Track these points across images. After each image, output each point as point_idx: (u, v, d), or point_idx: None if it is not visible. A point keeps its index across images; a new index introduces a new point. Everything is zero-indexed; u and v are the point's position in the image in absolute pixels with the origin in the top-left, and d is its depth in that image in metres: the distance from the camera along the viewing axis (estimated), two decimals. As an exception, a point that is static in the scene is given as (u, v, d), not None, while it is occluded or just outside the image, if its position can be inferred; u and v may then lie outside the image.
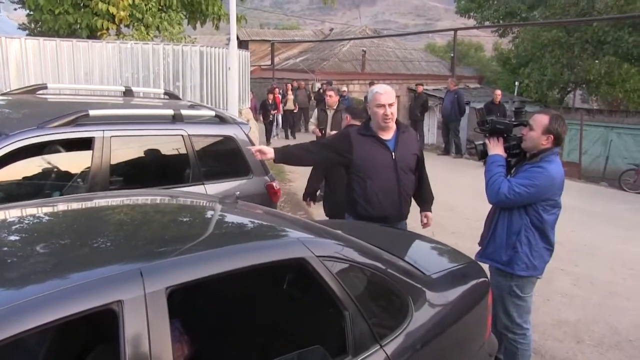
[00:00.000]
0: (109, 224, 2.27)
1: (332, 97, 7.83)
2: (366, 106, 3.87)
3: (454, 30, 19.71)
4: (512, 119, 3.44)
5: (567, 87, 22.54)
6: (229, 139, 4.28)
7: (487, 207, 3.46)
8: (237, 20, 9.57)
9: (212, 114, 4.38)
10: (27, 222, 2.21)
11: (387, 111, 3.50)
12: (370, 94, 3.66)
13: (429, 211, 3.95)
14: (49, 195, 3.42)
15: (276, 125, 17.00)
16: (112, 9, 9.66)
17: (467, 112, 14.94)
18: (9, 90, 5.71)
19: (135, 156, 3.96)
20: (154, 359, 1.55)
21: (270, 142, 14.39)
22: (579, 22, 18.62)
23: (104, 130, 3.59)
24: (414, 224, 3.96)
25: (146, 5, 10.22)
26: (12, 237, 1.99)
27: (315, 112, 8.41)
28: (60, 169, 3.67)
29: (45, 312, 1.42)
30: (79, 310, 1.47)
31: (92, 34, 10.10)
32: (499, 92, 13.12)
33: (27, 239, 1.97)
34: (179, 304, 2.02)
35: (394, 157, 3.58)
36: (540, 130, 3.09)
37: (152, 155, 4.02)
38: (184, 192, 3.47)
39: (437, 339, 2.36)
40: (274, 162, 3.61)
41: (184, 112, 4.06)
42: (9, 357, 1.44)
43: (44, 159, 3.55)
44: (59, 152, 3.61)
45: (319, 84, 18.82)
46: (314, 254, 2.04)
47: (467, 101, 15.27)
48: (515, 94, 21.69)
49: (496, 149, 3.28)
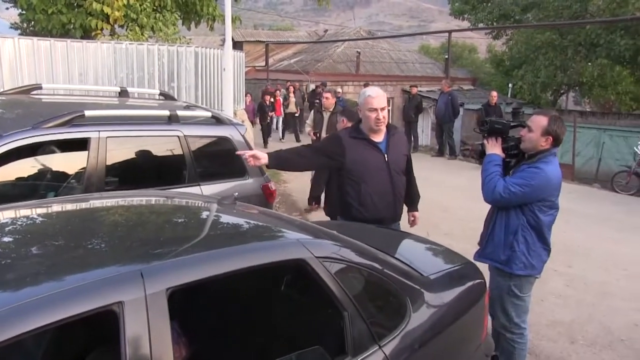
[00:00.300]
0: (110, 225, 2.26)
1: (329, 99, 7.57)
2: (357, 109, 3.86)
3: (448, 32, 19.71)
4: (510, 120, 3.46)
5: (560, 89, 22.64)
6: (225, 140, 4.28)
7: (481, 208, 3.48)
8: (232, 21, 9.55)
9: (209, 114, 4.38)
10: (25, 223, 2.20)
11: (380, 115, 3.51)
12: (362, 97, 3.63)
13: (416, 210, 3.97)
14: (43, 196, 3.40)
15: (276, 127, 16.51)
16: (106, 9, 9.62)
17: (461, 113, 14.99)
18: (3, 90, 5.67)
19: (131, 157, 3.93)
20: (155, 360, 1.54)
21: (267, 145, 14.26)
22: (572, 25, 18.72)
23: (99, 130, 3.57)
24: (402, 223, 3.95)
25: (141, 5, 10.20)
26: (10, 239, 1.98)
27: (311, 114, 8.20)
28: (55, 170, 3.65)
29: (46, 313, 1.42)
30: (80, 311, 1.47)
31: (86, 34, 10.05)
32: (494, 93, 12.93)
33: (25, 241, 1.96)
34: (177, 305, 2.01)
35: (386, 159, 3.59)
36: (539, 131, 3.10)
37: (148, 156, 4.00)
38: (182, 193, 3.46)
39: (434, 339, 2.37)
40: (267, 167, 3.57)
41: (180, 112, 4.06)
42: (8, 359, 1.43)
43: (39, 159, 3.52)
44: (54, 152, 3.58)
45: (313, 85, 18.72)
46: (313, 255, 2.04)
47: (461, 103, 15.31)
48: (508, 95, 21.74)
49: (494, 148, 3.30)
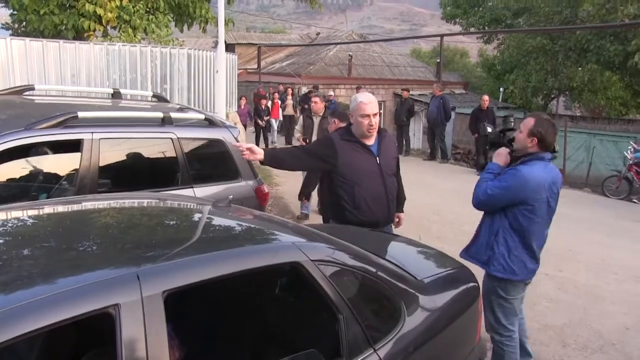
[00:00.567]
0: (106, 227, 2.25)
1: (318, 104, 7.18)
2: (349, 114, 3.87)
3: (440, 36, 19.82)
4: (501, 127, 3.52)
5: (551, 93, 22.85)
6: (218, 142, 4.26)
7: (473, 211, 3.51)
8: (224, 23, 9.54)
9: (202, 117, 4.37)
10: (19, 225, 2.18)
11: (372, 121, 3.53)
12: (353, 103, 3.63)
13: (402, 212, 4.00)
14: (36, 197, 3.38)
15: (271, 131, 16.06)
16: (99, 10, 9.57)
17: (452, 117, 15.04)
18: (-6, 91, 5.62)
19: (124, 159, 3.91)
20: (151, 363, 1.53)
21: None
22: (562, 30, 18.92)
23: (92, 132, 3.55)
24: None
25: (134, 7, 10.15)
26: (3, 241, 1.96)
27: (300, 119, 7.81)
28: (48, 171, 3.63)
29: (42, 315, 1.41)
30: (76, 313, 1.46)
31: (79, 36, 9.99)
32: (486, 97, 12.48)
33: (19, 243, 1.95)
34: (173, 308, 2.00)
35: (378, 162, 3.61)
36: (526, 132, 3.15)
37: (141, 158, 3.98)
38: (177, 195, 3.45)
39: (429, 342, 2.38)
40: (261, 163, 3.59)
41: (173, 114, 4.04)
42: (4, 361, 1.42)
43: (32, 161, 3.50)
44: (47, 154, 3.56)
45: (305, 88, 18.68)
46: (309, 258, 2.05)
47: (452, 106, 15.36)
48: (499, 100, 21.87)
49: (496, 158, 3.37)
